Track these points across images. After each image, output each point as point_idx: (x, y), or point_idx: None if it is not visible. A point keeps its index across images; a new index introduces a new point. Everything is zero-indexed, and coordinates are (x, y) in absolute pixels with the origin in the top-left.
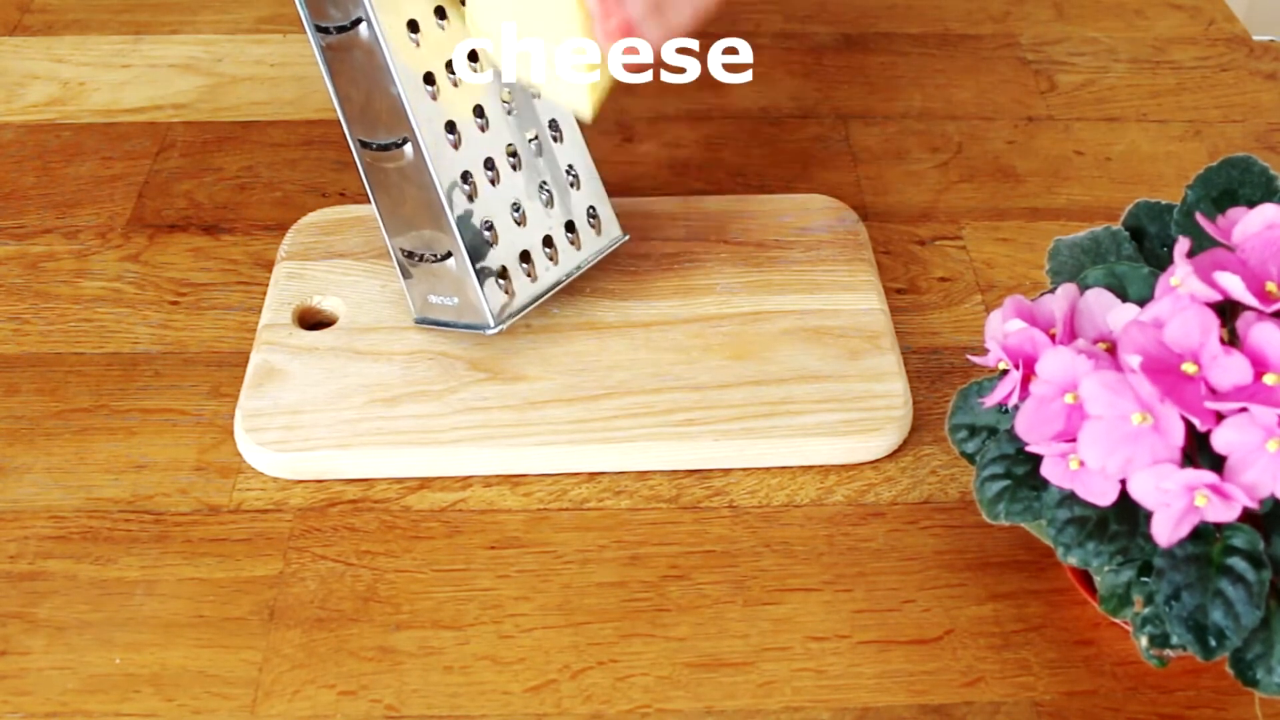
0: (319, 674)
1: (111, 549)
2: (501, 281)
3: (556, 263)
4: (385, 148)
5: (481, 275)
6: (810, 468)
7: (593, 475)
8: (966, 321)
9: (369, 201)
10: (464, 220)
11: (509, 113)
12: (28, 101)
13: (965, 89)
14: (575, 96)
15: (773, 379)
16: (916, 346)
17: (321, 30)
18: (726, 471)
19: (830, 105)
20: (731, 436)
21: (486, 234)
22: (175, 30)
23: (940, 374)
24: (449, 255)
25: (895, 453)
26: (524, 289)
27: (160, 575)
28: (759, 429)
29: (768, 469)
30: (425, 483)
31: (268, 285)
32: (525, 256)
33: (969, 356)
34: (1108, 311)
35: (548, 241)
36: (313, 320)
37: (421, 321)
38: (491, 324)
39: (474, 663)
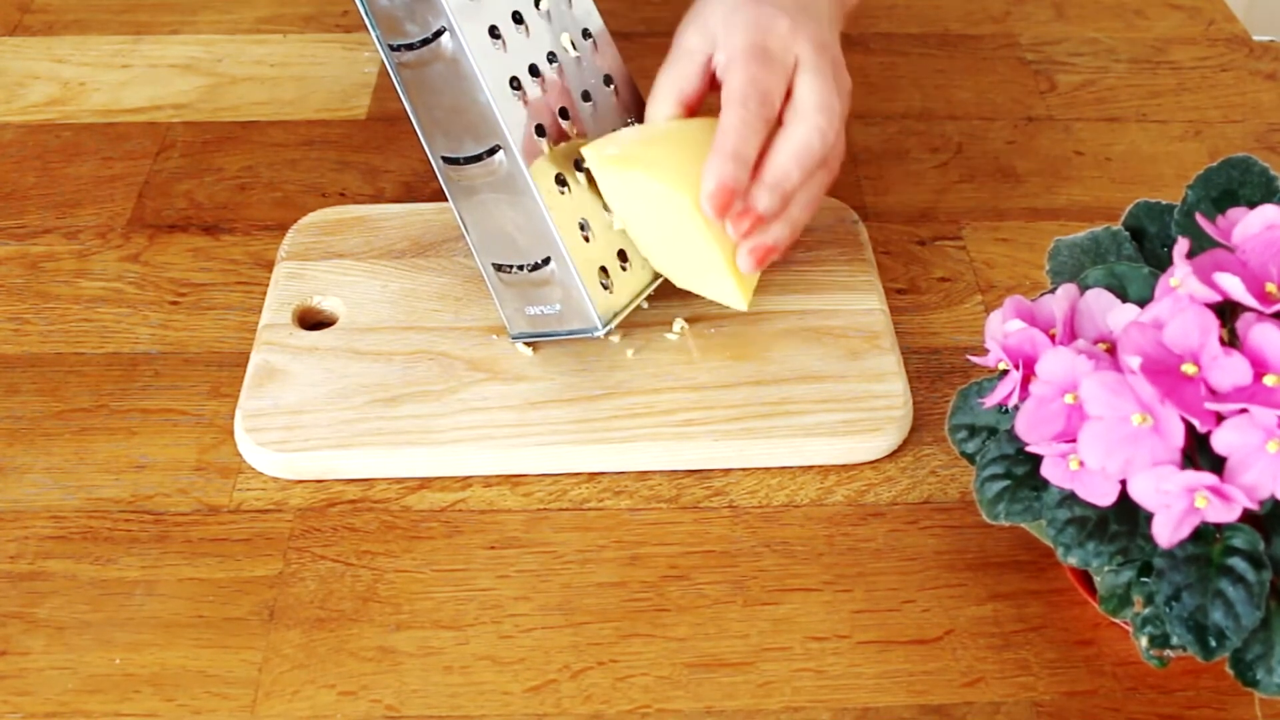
0: (319, 674)
1: (111, 549)
2: (604, 280)
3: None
4: (474, 159)
5: (584, 274)
6: (810, 468)
7: (593, 475)
8: (966, 321)
9: (457, 222)
10: (563, 220)
11: (593, 114)
12: (28, 101)
13: (965, 89)
14: (729, 296)
15: (772, 379)
16: (916, 346)
17: (396, 49)
18: (726, 471)
19: None
20: (731, 436)
21: (583, 233)
22: (175, 30)
23: (940, 374)
24: (547, 261)
25: (895, 453)
26: (624, 287)
27: (160, 575)
28: (759, 429)
29: (767, 469)
30: (425, 483)
31: (268, 285)
32: (622, 255)
33: (969, 357)
34: (1108, 312)
35: None
36: (313, 320)
37: (519, 337)
38: (599, 325)
39: (474, 663)
